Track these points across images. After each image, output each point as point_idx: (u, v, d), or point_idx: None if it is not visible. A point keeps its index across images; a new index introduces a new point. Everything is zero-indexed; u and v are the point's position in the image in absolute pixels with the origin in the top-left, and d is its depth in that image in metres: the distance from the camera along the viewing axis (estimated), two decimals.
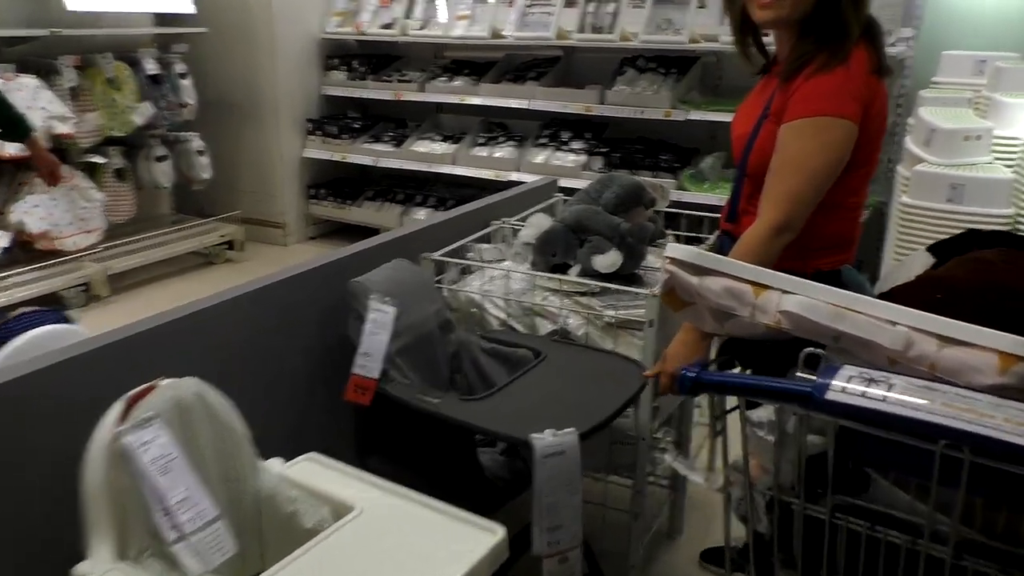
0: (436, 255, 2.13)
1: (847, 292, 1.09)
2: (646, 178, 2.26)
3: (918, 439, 0.95)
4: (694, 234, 2.52)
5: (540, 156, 4.57)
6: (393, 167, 5.02)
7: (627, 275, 2.14)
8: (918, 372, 1.02)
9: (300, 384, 1.85)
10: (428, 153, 4.90)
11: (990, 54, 3.57)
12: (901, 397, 0.93)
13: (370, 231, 5.25)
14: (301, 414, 1.86)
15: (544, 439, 1.46)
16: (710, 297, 1.18)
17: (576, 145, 4.54)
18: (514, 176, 4.57)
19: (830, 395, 0.98)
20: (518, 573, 2.11)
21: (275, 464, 1.39)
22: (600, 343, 1.97)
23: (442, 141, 4.98)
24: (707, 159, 4.20)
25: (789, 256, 1.66)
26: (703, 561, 2.30)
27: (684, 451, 2.40)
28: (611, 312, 1.96)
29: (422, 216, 4.98)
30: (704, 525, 2.49)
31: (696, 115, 4.11)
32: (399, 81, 5.05)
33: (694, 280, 1.19)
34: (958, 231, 2.96)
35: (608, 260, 2.04)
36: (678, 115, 4.14)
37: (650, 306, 1.86)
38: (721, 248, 1.77)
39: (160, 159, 4.66)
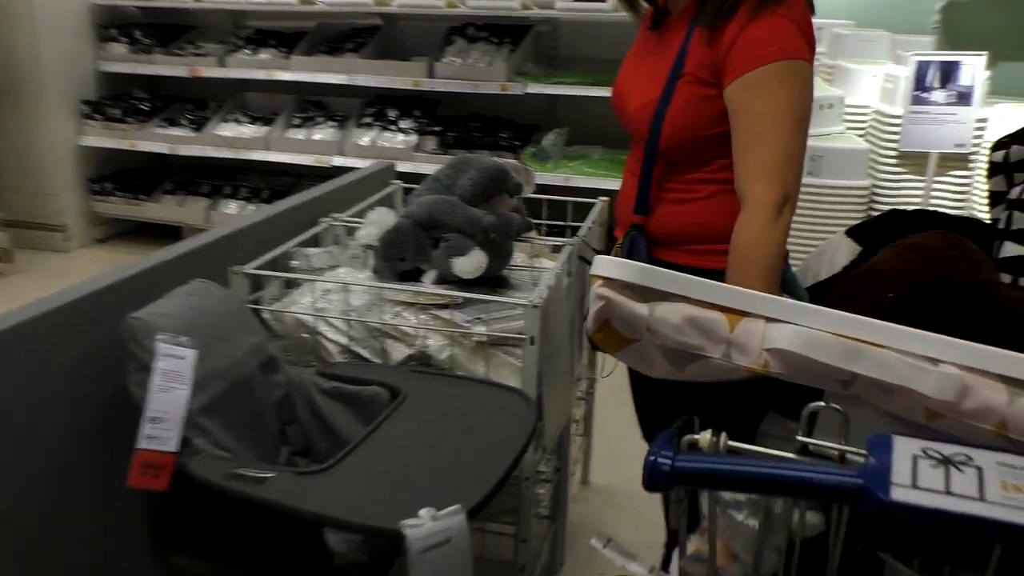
0: (250, 268, 1.65)
1: (859, 317, 0.77)
2: (508, 160, 1.89)
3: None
4: (562, 223, 2.18)
5: (366, 137, 4.09)
6: (194, 155, 4.35)
7: (493, 278, 1.77)
8: (972, 429, 0.71)
9: (58, 467, 1.33)
10: (235, 138, 4.27)
11: (825, 21, 3.50)
12: (1005, 490, 0.61)
13: (171, 229, 4.56)
14: (67, 509, 1.35)
15: (421, 527, 1.06)
16: (667, 333, 0.81)
17: (405, 124, 4.10)
18: (337, 161, 4.07)
19: (897, 494, 0.64)
20: None
21: None
22: (469, 367, 1.58)
23: (251, 123, 4.38)
24: (548, 136, 3.90)
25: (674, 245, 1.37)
26: None
27: (564, 473, 2.07)
28: (481, 328, 1.58)
29: (232, 209, 4.37)
30: (586, 553, 2.19)
31: (534, 88, 3.81)
32: (194, 55, 4.37)
33: (642, 310, 0.82)
34: (819, 205, 2.86)
35: (471, 262, 1.65)
36: (515, 88, 3.82)
37: (529, 318, 1.50)
38: (634, 251, 1.43)
39: None
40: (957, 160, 2.79)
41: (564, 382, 1.80)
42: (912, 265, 1.13)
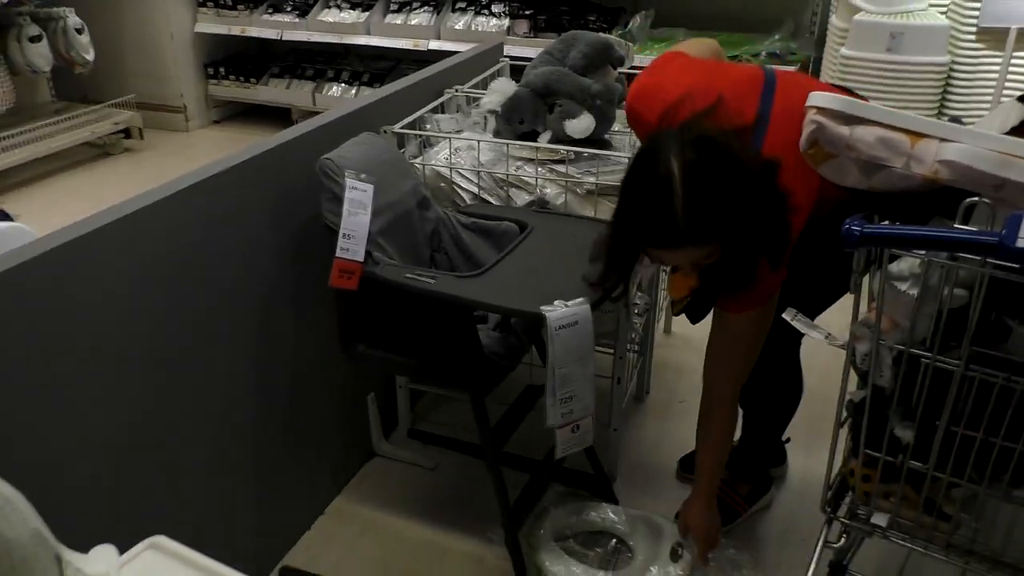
0: (398, 127, 1.98)
1: (1009, 138, 1.06)
2: (610, 36, 2.14)
3: None
4: None
5: (460, 22, 4.32)
6: (299, 40, 4.66)
7: (598, 140, 2.06)
8: None
9: (269, 276, 1.72)
10: (338, 23, 4.55)
11: None
12: None
13: (280, 111, 4.94)
14: (273, 298, 1.74)
15: (556, 311, 1.41)
16: (862, 148, 1.12)
17: (497, 8, 4.31)
18: (433, 44, 4.33)
19: (1022, 243, 0.96)
20: (524, 441, 2.12)
21: (99, 561, 0.90)
22: (580, 211, 1.90)
23: (351, 9, 4.64)
24: (635, 18, 4.06)
25: None
26: (682, 471, 2.18)
27: (654, 314, 2.41)
28: (591, 179, 1.89)
29: (336, 92, 4.69)
30: (669, 386, 2.55)
31: None
32: None
33: (845, 131, 1.13)
34: (899, 81, 3.01)
35: (582, 124, 1.94)
36: None
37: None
38: None
39: (34, 39, 4.14)
40: None
41: None
42: None
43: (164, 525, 1.41)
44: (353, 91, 4.66)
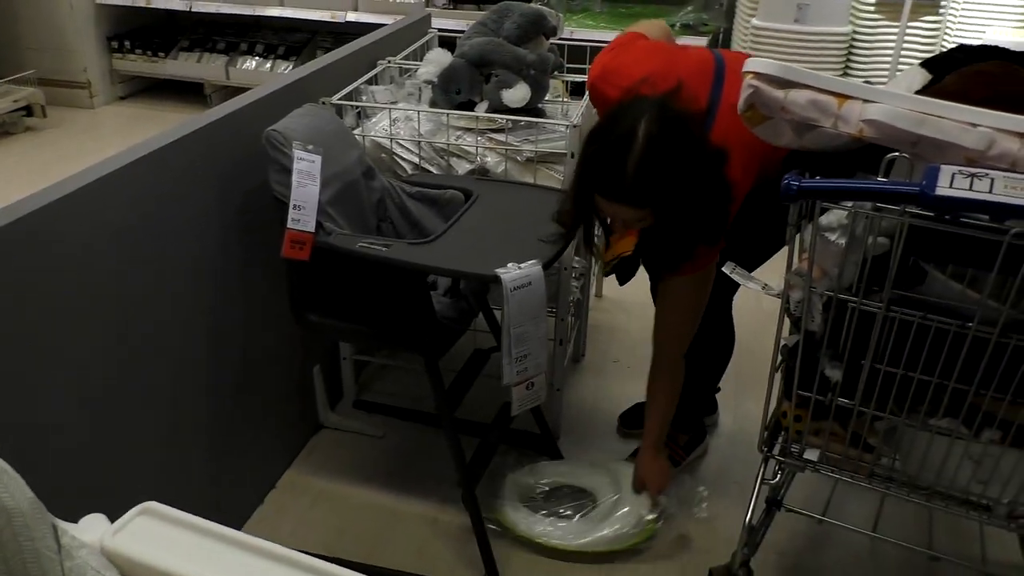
0: (335, 99, 1.98)
1: (924, 98, 1.16)
2: (542, 7, 2.19)
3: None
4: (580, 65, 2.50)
5: None
6: (209, 12, 4.52)
7: (533, 109, 2.12)
8: (997, 169, 1.12)
9: (215, 251, 1.72)
10: None
11: None
12: (1006, 188, 1.03)
13: (190, 86, 4.78)
14: (220, 273, 1.74)
15: (510, 273, 1.47)
16: (795, 110, 1.20)
17: None
18: (351, 16, 4.27)
19: (939, 191, 1.07)
20: (470, 406, 2.17)
21: (90, 530, 0.92)
22: (520, 178, 1.96)
23: None
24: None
25: None
26: (623, 427, 2.29)
27: (588, 279, 2.49)
28: (530, 147, 1.94)
29: (251, 66, 4.58)
30: (602, 347, 2.65)
31: None
32: None
33: (779, 94, 1.21)
34: (805, 49, 3.17)
35: (518, 94, 2.00)
36: None
37: (571, 137, 1.86)
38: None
39: None
40: (929, 7, 3.09)
41: None
42: (973, 87, 1.39)
43: (116, 505, 1.41)
44: (268, 64, 4.57)
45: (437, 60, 2.10)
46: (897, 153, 1.21)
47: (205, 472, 1.78)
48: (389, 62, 2.32)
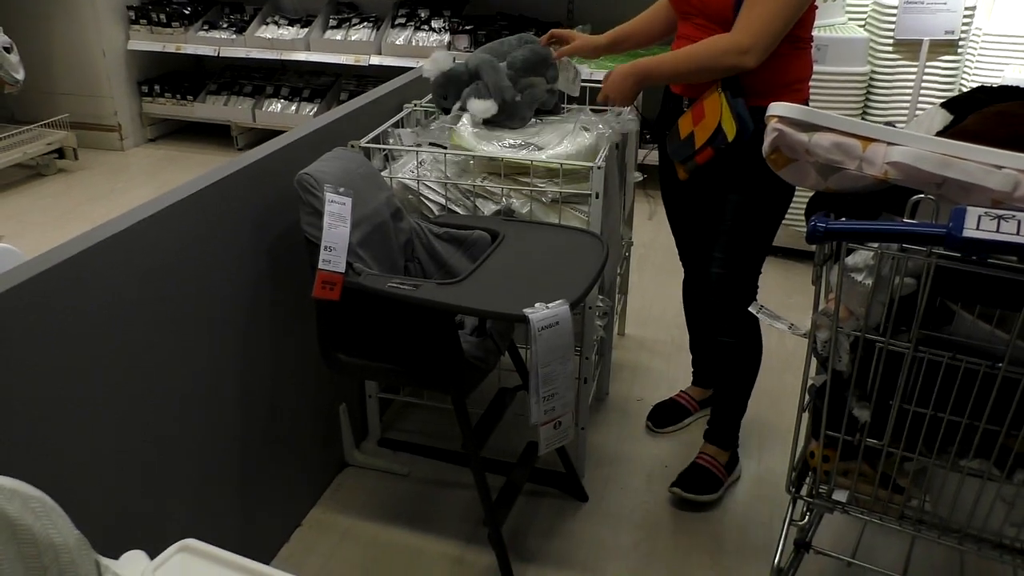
0: (364, 142, 2.03)
1: (949, 140, 1.18)
2: (566, 57, 2.27)
3: None
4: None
5: (400, 37, 4.38)
6: (237, 56, 4.64)
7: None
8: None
9: (247, 291, 1.75)
10: (276, 39, 4.55)
11: None
12: None
13: (217, 128, 4.89)
14: (250, 313, 1.77)
15: (538, 312, 1.49)
16: (819, 152, 1.22)
17: (437, 24, 4.38)
18: (375, 60, 4.37)
19: (967, 233, 1.08)
20: (494, 445, 2.18)
21: (131, 566, 0.95)
22: (545, 219, 1.99)
23: (289, 26, 4.64)
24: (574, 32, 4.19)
25: (755, 95, 1.77)
26: (651, 425, 2.44)
27: (612, 316, 2.51)
28: (555, 188, 1.97)
29: (276, 108, 4.68)
30: (626, 385, 2.65)
31: None
32: None
33: (804, 137, 1.23)
34: (824, 89, 3.20)
35: (481, 107, 2.12)
36: None
37: (596, 179, 1.89)
38: (736, 102, 1.78)
39: None
40: (947, 46, 3.12)
41: (616, 233, 2.21)
42: (994, 127, 1.43)
43: (153, 542, 1.43)
44: (293, 107, 4.66)
45: (437, 60, 2.24)
46: (923, 195, 1.23)
47: (234, 509, 1.79)
48: (415, 105, 2.37)
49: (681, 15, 1.92)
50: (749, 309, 1.45)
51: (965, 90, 3.06)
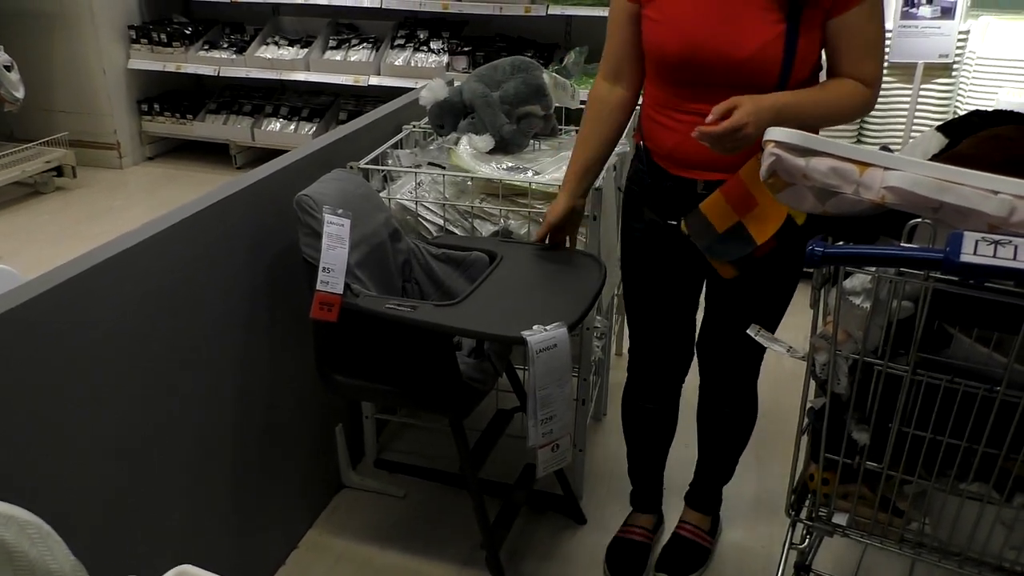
0: (363, 163, 2.04)
1: (945, 166, 1.18)
2: (559, 77, 2.28)
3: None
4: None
5: (399, 58, 4.41)
6: (238, 76, 4.66)
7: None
8: (1021, 235, 1.14)
9: (244, 312, 1.75)
10: (276, 59, 4.58)
11: None
12: None
13: (216, 147, 4.91)
14: (248, 334, 1.77)
15: (536, 335, 1.49)
16: (816, 177, 1.23)
17: (436, 45, 4.41)
18: (374, 80, 4.39)
19: (964, 258, 1.09)
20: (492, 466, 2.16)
21: None
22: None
23: (289, 46, 4.67)
24: (570, 54, 4.21)
25: None
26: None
27: (609, 337, 2.51)
28: None
29: (275, 128, 4.70)
30: None
31: (556, 10, 4.11)
32: None
33: (801, 162, 1.24)
34: None
35: (481, 143, 2.14)
36: (537, 10, 4.12)
37: (593, 200, 1.89)
38: None
39: None
40: (941, 69, 3.14)
41: (613, 255, 2.21)
42: (990, 151, 1.43)
43: (148, 566, 1.41)
44: (292, 126, 4.68)
45: (434, 88, 2.26)
46: (920, 219, 1.23)
47: (230, 532, 1.78)
48: (414, 127, 2.38)
49: (689, 86, 1.55)
50: (747, 331, 1.45)
51: (960, 113, 3.08)
